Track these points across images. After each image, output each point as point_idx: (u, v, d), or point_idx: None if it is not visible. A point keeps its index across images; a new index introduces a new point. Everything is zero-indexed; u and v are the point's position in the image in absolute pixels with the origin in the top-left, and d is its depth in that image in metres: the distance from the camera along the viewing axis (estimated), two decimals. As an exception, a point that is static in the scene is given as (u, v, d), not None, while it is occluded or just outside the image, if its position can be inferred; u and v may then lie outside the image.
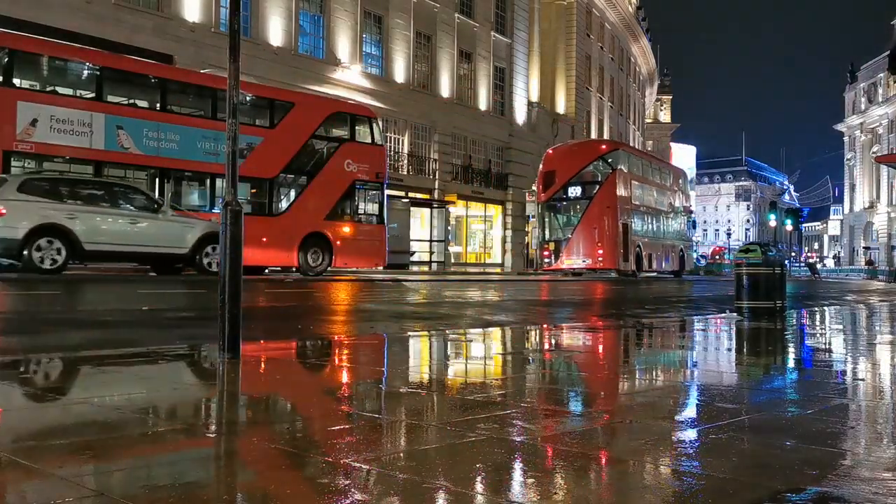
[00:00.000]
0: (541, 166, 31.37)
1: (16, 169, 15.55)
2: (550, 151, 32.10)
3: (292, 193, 19.66)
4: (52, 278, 13.09)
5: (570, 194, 28.84)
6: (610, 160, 29.15)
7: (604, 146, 32.32)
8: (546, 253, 29.30)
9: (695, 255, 51.45)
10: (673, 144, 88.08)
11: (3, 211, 12.95)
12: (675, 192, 37.13)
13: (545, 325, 8.26)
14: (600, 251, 28.32)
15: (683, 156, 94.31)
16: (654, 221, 33.49)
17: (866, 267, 62.87)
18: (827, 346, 6.68)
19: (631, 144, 63.37)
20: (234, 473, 2.43)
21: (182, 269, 15.73)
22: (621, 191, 29.15)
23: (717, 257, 75.27)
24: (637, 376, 4.77)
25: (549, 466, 2.39)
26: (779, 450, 2.58)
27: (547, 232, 29.48)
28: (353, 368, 4.83)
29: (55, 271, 13.44)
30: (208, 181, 18.22)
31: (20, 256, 13.24)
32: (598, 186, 28.51)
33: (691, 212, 40.32)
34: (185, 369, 4.69)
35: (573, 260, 28.49)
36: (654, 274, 32.76)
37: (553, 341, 6.77)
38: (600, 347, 6.37)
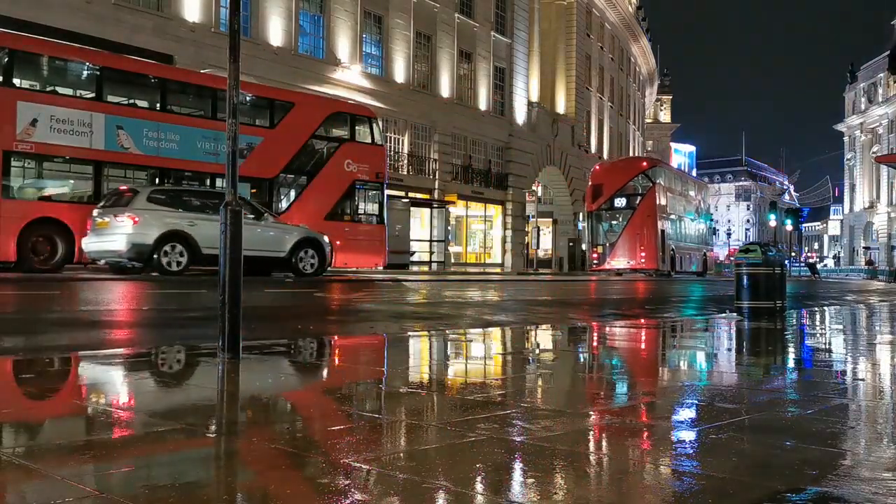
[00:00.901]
0: (589, 180, 36.02)
1: (16, 169, 15.57)
2: (598, 167, 37.04)
3: (292, 193, 19.68)
4: (175, 279, 13.96)
5: (615, 205, 33.25)
6: (650, 175, 33.65)
7: (645, 163, 36.47)
8: (595, 255, 33.80)
9: None
10: (673, 144, 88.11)
11: (137, 219, 14.25)
12: (701, 203, 42.03)
13: (545, 326, 8.26)
14: (642, 254, 32.50)
15: (683, 156, 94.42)
16: (684, 228, 37.89)
17: (866, 267, 62.86)
18: (827, 347, 6.68)
19: (631, 144, 63.53)
20: (234, 473, 2.43)
21: (272, 272, 16.66)
22: (659, 202, 33.47)
23: (732, 259, 75.79)
24: (634, 377, 4.77)
25: (548, 466, 2.39)
26: (779, 450, 2.58)
27: (595, 237, 33.99)
28: (353, 368, 4.83)
29: (179, 273, 14.63)
30: (208, 181, 18.23)
31: (150, 260, 14.52)
32: (640, 198, 32.83)
33: (712, 220, 45.79)
34: (185, 369, 4.68)
35: (618, 261, 32.71)
36: (682, 274, 36.29)
37: (552, 341, 6.77)
38: (594, 348, 6.36)
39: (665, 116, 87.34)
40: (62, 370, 4.54)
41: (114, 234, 14.26)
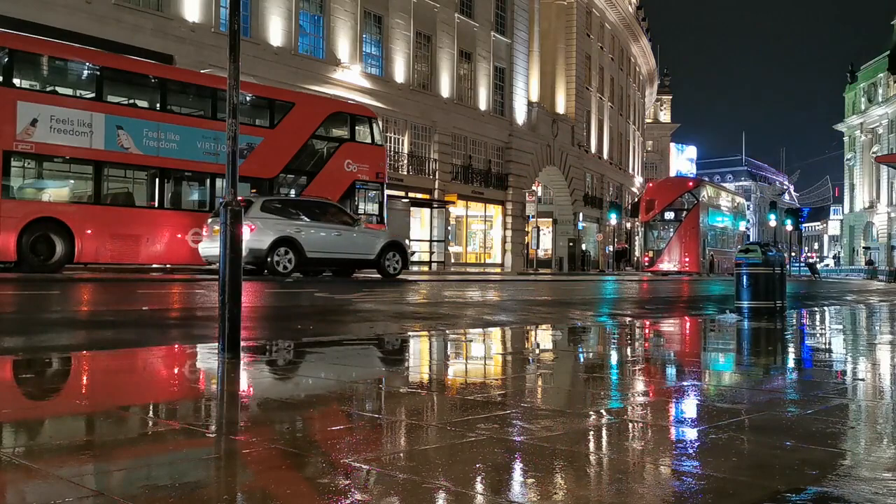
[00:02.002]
0: (643, 195, 43.65)
1: (16, 169, 15.57)
2: (650, 185, 45.35)
3: (292, 193, 19.67)
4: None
5: (665, 217, 39.59)
6: (695, 193, 39.99)
7: (691, 183, 43.56)
8: (647, 259, 40.48)
9: None
10: (673, 144, 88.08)
11: (253, 227, 15.57)
12: (736, 214, 48.03)
13: (544, 326, 8.26)
14: (686, 259, 38.66)
15: (683, 156, 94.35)
16: (722, 235, 44.04)
17: (866, 267, 62.84)
18: (827, 347, 6.68)
19: (631, 144, 63.52)
20: (234, 473, 2.43)
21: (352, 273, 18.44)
22: (702, 215, 39.68)
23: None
24: (632, 377, 4.77)
25: (548, 466, 2.39)
26: (779, 450, 2.58)
27: (647, 243, 40.78)
28: (354, 368, 4.82)
29: (288, 274, 16.01)
30: (208, 181, 18.23)
31: (264, 263, 15.92)
32: (685, 213, 39.12)
33: (748, 224, 54.61)
34: (185, 369, 4.68)
35: (666, 264, 38.78)
36: (721, 276, 40.59)
37: (551, 341, 6.77)
38: (593, 349, 6.37)
39: (665, 116, 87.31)
40: (63, 369, 4.55)
41: None
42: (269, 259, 15.86)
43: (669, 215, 39.49)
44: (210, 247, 16.07)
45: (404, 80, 32.99)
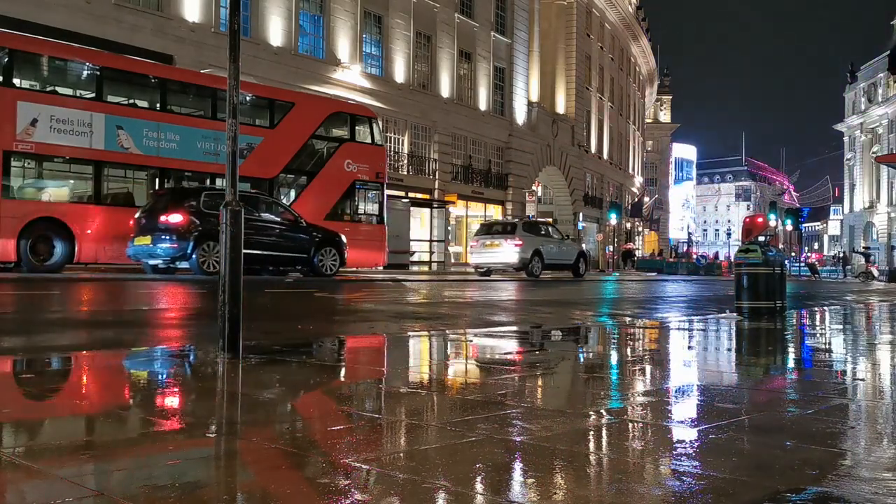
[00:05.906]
0: (742, 225, 61.98)
1: (16, 169, 15.55)
2: (747, 219, 71.72)
3: (292, 193, 19.66)
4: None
5: (759, 239, 53.83)
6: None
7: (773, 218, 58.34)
8: None
9: (695, 256, 57.64)
10: (673, 144, 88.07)
11: (521, 243, 21.94)
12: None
13: (544, 326, 8.26)
14: None
15: (685, 156, 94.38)
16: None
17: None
18: (827, 347, 6.68)
19: (631, 144, 63.66)
20: (234, 473, 2.43)
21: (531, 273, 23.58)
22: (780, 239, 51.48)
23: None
24: (632, 377, 4.77)
25: (548, 466, 2.39)
26: (779, 450, 2.58)
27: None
28: (356, 368, 4.83)
29: (538, 275, 22.32)
30: (208, 181, 18.21)
31: (525, 268, 22.07)
32: (771, 237, 49.98)
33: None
34: (185, 369, 4.68)
35: None
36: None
37: (551, 341, 6.77)
38: (592, 348, 6.37)
39: (665, 116, 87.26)
40: (62, 369, 4.54)
41: (505, 252, 22.04)
42: (529, 265, 21.89)
43: (760, 239, 55.85)
44: (484, 256, 22.60)
45: (404, 80, 32.98)
